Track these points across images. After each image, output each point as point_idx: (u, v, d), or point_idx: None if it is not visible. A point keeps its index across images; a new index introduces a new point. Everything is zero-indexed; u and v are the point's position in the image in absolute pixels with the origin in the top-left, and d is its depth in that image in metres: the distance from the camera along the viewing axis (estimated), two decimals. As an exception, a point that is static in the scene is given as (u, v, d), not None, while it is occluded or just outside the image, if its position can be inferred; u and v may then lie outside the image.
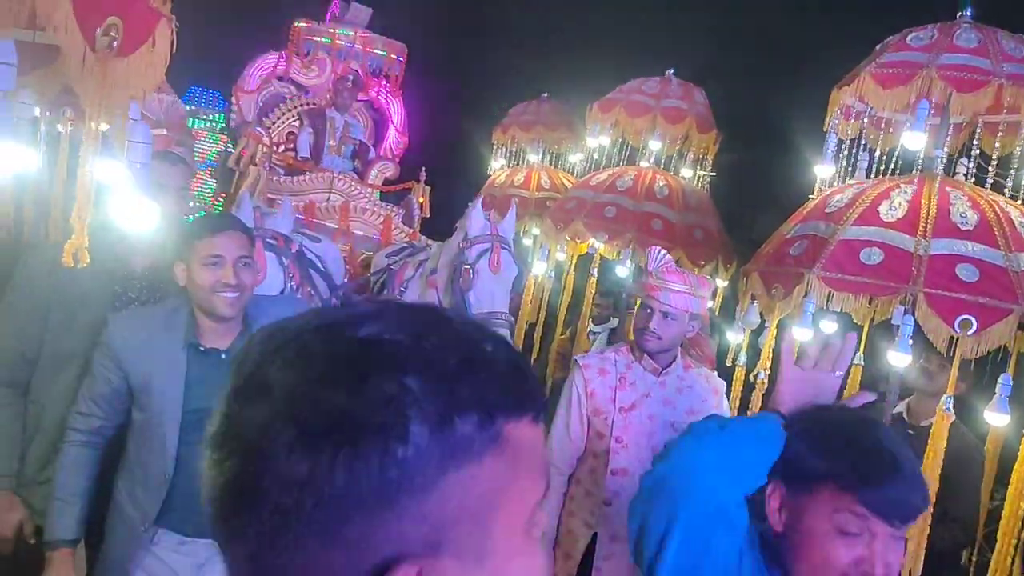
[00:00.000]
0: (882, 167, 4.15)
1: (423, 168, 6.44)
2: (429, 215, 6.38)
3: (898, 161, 4.05)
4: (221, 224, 2.22)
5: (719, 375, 3.33)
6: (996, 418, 3.31)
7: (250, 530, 0.53)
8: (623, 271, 5.79)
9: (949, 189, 3.66)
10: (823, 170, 4.26)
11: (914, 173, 3.92)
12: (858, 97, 3.99)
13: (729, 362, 4.48)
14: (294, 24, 6.59)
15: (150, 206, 2.16)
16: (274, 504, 0.51)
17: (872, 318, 3.64)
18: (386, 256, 5.42)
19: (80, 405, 2.20)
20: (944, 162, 3.87)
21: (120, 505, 2.21)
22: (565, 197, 6.65)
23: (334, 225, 5.89)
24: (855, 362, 4.05)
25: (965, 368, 3.45)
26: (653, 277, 2.94)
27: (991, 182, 3.80)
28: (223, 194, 6.02)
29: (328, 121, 6.41)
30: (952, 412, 3.34)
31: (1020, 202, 3.73)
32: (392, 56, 6.67)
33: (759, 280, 3.92)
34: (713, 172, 6.53)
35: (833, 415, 1.42)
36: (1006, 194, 3.75)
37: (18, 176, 2.35)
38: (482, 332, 0.59)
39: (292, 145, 6.50)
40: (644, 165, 6.25)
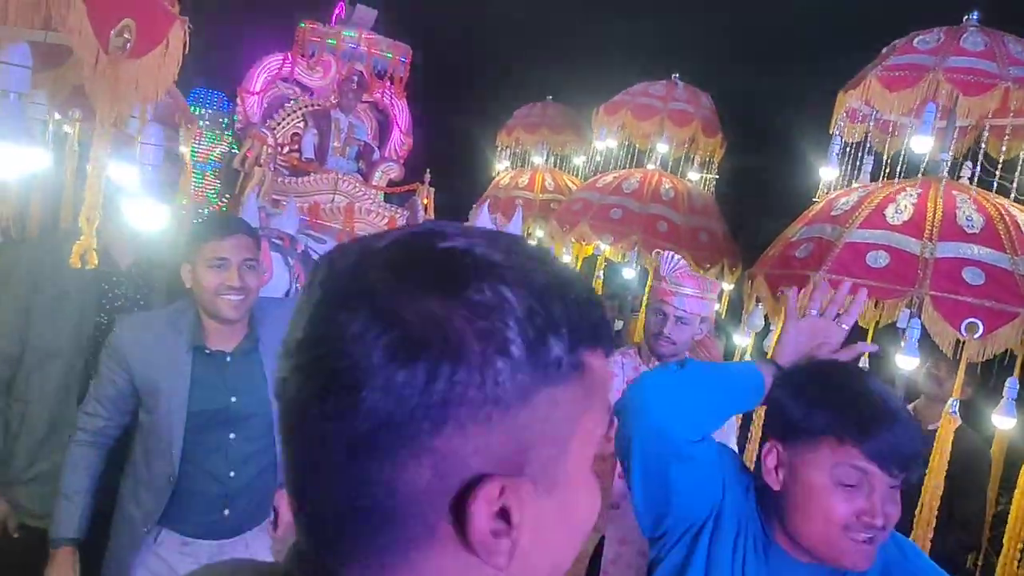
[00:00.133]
0: (887, 170, 4.15)
1: (427, 170, 6.44)
2: (433, 217, 6.39)
3: (903, 164, 4.05)
4: (227, 226, 2.21)
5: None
6: (1003, 421, 3.31)
7: (338, 439, 0.51)
8: (629, 273, 5.79)
9: (955, 192, 3.66)
10: (827, 173, 4.26)
11: (919, 176, 3.92)
12: (864, 100, 3.99)
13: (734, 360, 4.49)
14: (299, 26, 6.60)
15: (158, 207, 2.16)
16: (368, 411, 0.49)
17: (878, 321, 3.64)
18: (391, 257, 5.43)
19: (86, 405, 2.20)
20: (949, 165, 3.87)
21: (124, 505, 2.21)
22: (571, 199, 6.66)
23: (338, 226, 5.89)
24: (860, 365, 4.06)
25: (971, 372, 3.45)
26: (667, 282, 2.92)
27: (996, 185, 3.80)
28: (228, 195, 6.02)
29: (333, 122, 6.42)
30: (958, 416, 3.34)
31: (1026, 205, 3.73)
32: (397, 58, 6.67)
33: (764, 283, 3.92)
34: (717, 175, 6.54)
35: (825, 369, 1.43)
36: (1011, 197, 3.75)
37: (23, 175, 2.34)
38: (556, 259, 0.58)
39: (296, 146, 6.51)
40: (650, 168, 6.26)
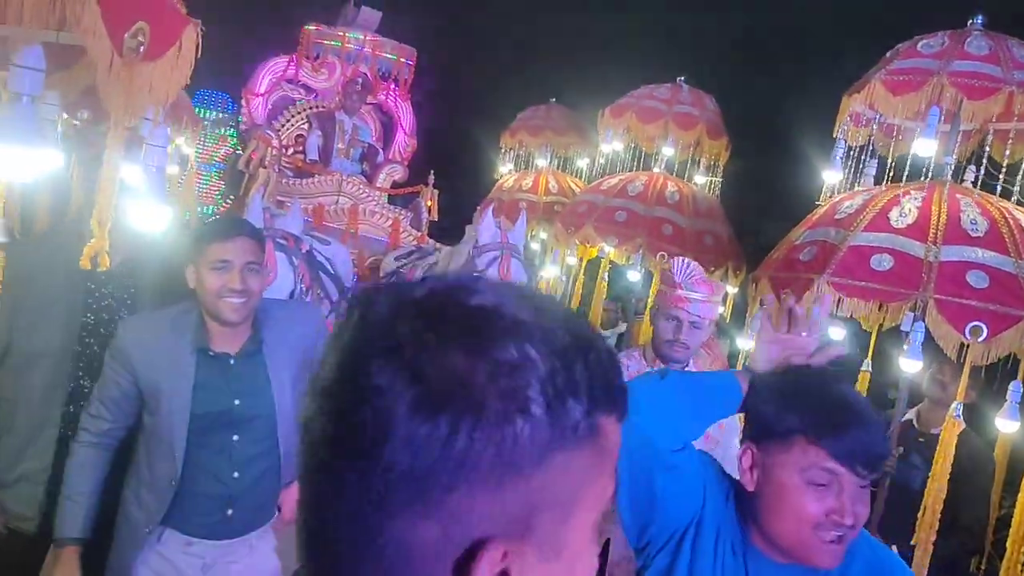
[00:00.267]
0: (891, 174, 4.16)
1: (431, 171, 6.45)
2: (437, 218, 6.40)
3: (907, 168, 4.05)
4: (231, 229, 2.21)
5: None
6: (1007, 425, 3.32)
7: (355, 487, 0.52)
8: (633, 276, 5.79)
9: (959, 196, 3.66)
10: (831, 176, 4.26)
11: (923, 180, 3.92)
12: (868, 104, 3.99)
13: (739, 368, 4.48)
14: (304, 27, 6.62)
15: (160, 208, 2.15)
16: (388, 463, 0.50)
17: (881, 324, 3.64)
18: (395, 259, 5.43)
19: (90, 407, 2.20)
20: (952, 168, 3.87)
21: (126, 506, 2.21)
22: (576, 201, 6.66)
23: (342, 228, 5.90)
24: (863, 368, 4.06)
25: (975, 376, 3.45)
26: (682, 288, 2.92)
27: (1000, 189, 3.81)
28: (232, 196, 6.04)
29: (337, 124, 6.43)
30: (962, 419, 3.34)
31: (1030, 209, 3.73)
32: (401, 60, 6.69)
33: (768, 286, 3.93)
34: (721, 178, 6.54)
35: (799, 375, 1.48)
36: (1013, 200, 3.75)
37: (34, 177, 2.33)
38: (582, 320, 0.59)
39: (301, 148, 6.52)
40: (656, 171, 6.27)
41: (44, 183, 2.96)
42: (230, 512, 2.21)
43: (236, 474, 2.20)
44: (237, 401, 2.20)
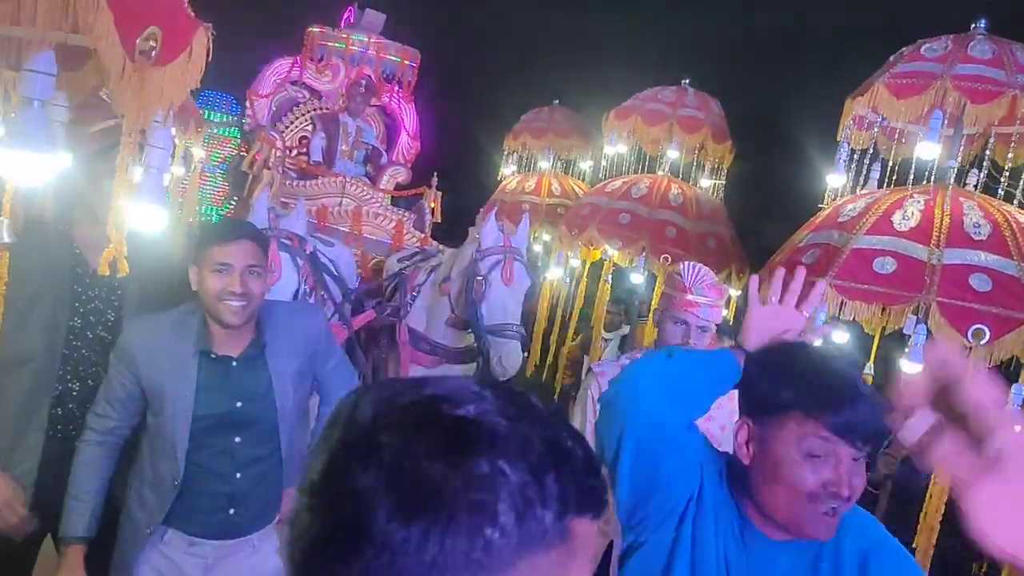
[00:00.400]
0: (894, 177, 4.17)
1: (435, 173, 6.46)
2: (440, 220, 6.41)
3: (910, 171, 4.06)
4: (232, 232, 2.21)
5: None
6: (1008, 428, 3.31)
7: None
8: (637, 278, 5.80)
9: (962, 199, 3.67)
10: (835, 179, 4.27)
11: (926, 183, 3.93)
12: (872, 107, 4.01)
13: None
14: (308, 29, 6.64)
15: (159, 211, 2.14)
16: (365, 564, 0.54)
17: (884, 327, 3.65)
18: (398, 261, 5.44)
19: (96, 406, 2.21)
20: (955, 172, 3.88)
21: (130, 505, 2.23)
22: (579, 203, 6.67)
23: (346, 229, 5.91)
24: (865, 371, 4.07)
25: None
26: (692, 292, 2.92)
27: (1003, 193, 3.82)
28: (236, 197, 6.05)
29: (341, 126, 6.44)
30: (964, 422, 3.34)
31: (1033, 212, 3.74)
32: (405, 62, 6.71)
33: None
34: (725, 181, 6.56)
35: (795, 349, 1.47)
36: (1016, 204, 3.76)
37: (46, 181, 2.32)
38: (563, 424, 0.63)
39: (305, 149, 6.54)
40: (660, 174, 6.29)
41: (49, 185, 2.96)
42: (232, 512, 2.22)
43: (238, 475, 2.21)
44: (239, 404, 2.20)
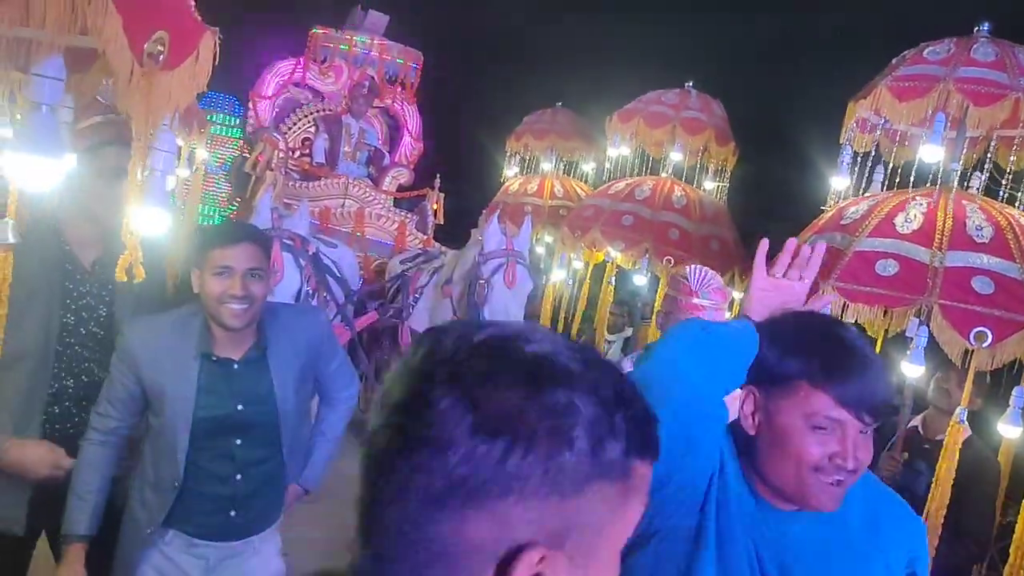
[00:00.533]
0: (897, 179, 4.17)
1: (437, 175, 6.47)
2: (443, 222, 6.42)
3: (912, 174, 4.07)
4: (234, 235, 2.21)
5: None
6: (1009, 430, 3.32)
7: (418, 490, 0.61)
8: (640, 280, 5.80)
9: (965, 202, 3.67)
10: (838, 182, 4.27)
11: (929, 186, 3.93)
12: (874, 110, 4.01)
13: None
14: (311, 31, 6.66)
15: (161, 213, 2.14)
16: (449, 472, 0.59)
17: (887, 330, 3.65)
18: (400, 262, 5.45)
19: (99, 406, 2.22)
20: (958, 175, 3.88)
21: (132, 505, 2.23)
22: (582, 205, 6.67)
23: (348, 230, 5.93)
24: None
25: (980, 382, 3.45)
26: (698, 295, 2.91)
27: (1005, 195, 3.82)
28: (239, 198, 6.07)
29: (344, 127, 6.46)
30: (966, 424, 3.34)
31: (1035, 215, 3.74)
32: (408, 64, 6.72)
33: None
34: (728, 183, 6.56)
35: (802, 318, 1.45)
36: (1017, 206, 3.76)
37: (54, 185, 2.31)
38: (624, 376, 0.68)
39: (308, 150, 6.56)
40: (663, 176, 6.29)
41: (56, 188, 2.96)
42: (233, 514, 2.23)
43: (239, 477, 2.21)
44: (240, 406, 2.20)
